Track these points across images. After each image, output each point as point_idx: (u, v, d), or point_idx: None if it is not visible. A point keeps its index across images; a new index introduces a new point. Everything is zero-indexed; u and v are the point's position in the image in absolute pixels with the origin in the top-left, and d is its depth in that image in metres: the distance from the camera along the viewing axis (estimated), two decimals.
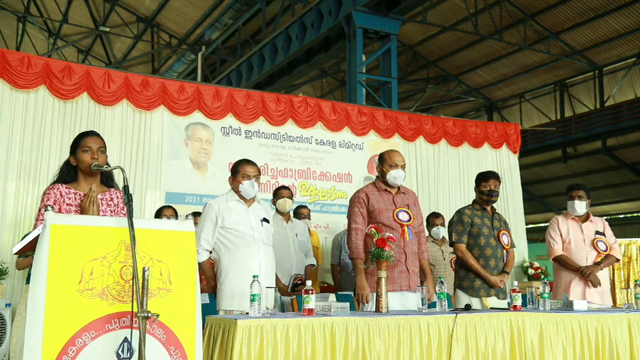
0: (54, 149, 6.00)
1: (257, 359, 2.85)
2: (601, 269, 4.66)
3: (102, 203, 2.99)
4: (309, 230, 6.03)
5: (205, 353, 2.96)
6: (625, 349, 3.87)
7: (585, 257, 4.68)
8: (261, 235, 3.84)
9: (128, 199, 2.41)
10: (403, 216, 3.98)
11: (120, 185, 2.80)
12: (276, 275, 4.32)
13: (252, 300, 3.04)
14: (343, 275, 6.06)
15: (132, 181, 6.31)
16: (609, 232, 4.88)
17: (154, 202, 6.43)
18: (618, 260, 4.86)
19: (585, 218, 4.85)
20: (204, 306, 2.83)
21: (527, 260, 8.38)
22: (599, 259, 4.68)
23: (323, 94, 19.35)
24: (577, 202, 4.77)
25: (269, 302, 3.34)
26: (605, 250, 4.72)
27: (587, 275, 4.58)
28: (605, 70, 16.85)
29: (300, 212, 6.10)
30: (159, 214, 5.44)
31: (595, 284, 4.59)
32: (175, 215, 5.33)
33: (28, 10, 16.19)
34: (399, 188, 4.10)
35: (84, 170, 2.99)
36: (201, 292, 2.63)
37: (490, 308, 4.15)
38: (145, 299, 2.25)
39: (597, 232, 4.79)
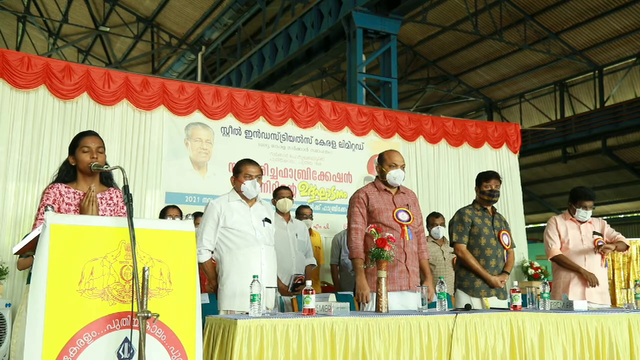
0: (54, 149, 6.00)
1: (257, 359, 2.85)
2: (612, 251, 4.69)
3: (101, 202, 3.00)
4: (311, 230, 6.03)
5: (205, 353, 2.96)
6: (625, 349, 3.87)
7: (583, 257, 4.69)
8: (263, 235, 3.83)
9: (128, 199, 2.41)
10: (403, 216, 3.98)
11: (120, 185, 2.80)
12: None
13: (252, 300, 3.03)
14: (343, 275, 6.06)
15: (132, 181, 6.30)
16: (608, 229, 4.90)
17: (154, 202, 6.43)
18: (627, 247, 4.86)
19: None
20: (204, 306, 2.83)
21: (527, 260, 8.38)
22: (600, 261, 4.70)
23: (323, 94, 19.34)
24: (589, 212, 4.80)
25: (269, 302, 3.33)
26: None
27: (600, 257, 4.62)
28: (605, 70, 16.86)
29: (303, 212, 6.10)
30: (163, 214, 5.43)
31: (594, 282, 4.60)
32: (180, 215, 5.31)
33: (28, 10, 16.18)
34: (398, 188, 4.10)
35: (83, 170, 2.99)
36: (202, 292, 2.63)
37: (490, 308, 4.15)
38: (145, 299, 2.25)
39: (595, 233, 4.80)
